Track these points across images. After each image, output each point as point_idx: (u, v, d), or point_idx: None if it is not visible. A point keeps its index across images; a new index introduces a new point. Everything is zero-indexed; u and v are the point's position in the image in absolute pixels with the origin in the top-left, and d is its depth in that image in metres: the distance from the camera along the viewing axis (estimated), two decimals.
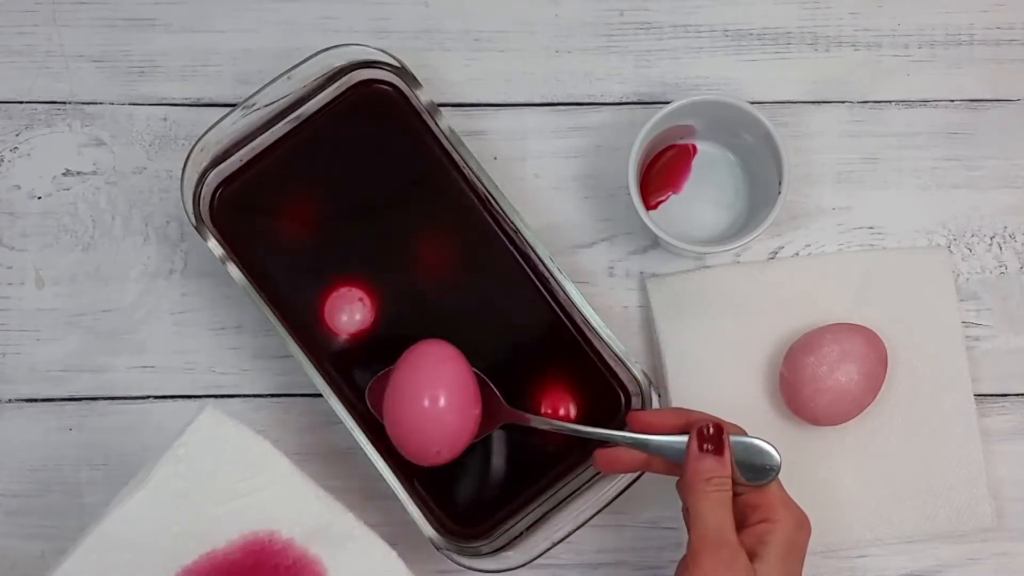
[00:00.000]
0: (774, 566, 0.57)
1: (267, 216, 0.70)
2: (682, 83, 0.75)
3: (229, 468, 0.60)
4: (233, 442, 0.60)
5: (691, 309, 0.72)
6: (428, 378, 0.63)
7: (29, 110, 0.75)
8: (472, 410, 0.65)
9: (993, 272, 0.74)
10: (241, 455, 0.60)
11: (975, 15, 0.75)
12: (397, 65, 0.69)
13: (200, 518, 0.60)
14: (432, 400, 0.63)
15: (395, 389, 0.64)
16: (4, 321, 0.73)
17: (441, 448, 0.64)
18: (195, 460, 0.60)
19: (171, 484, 0.59)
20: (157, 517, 0.59)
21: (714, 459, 0.59)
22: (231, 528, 0.60)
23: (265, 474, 0.60)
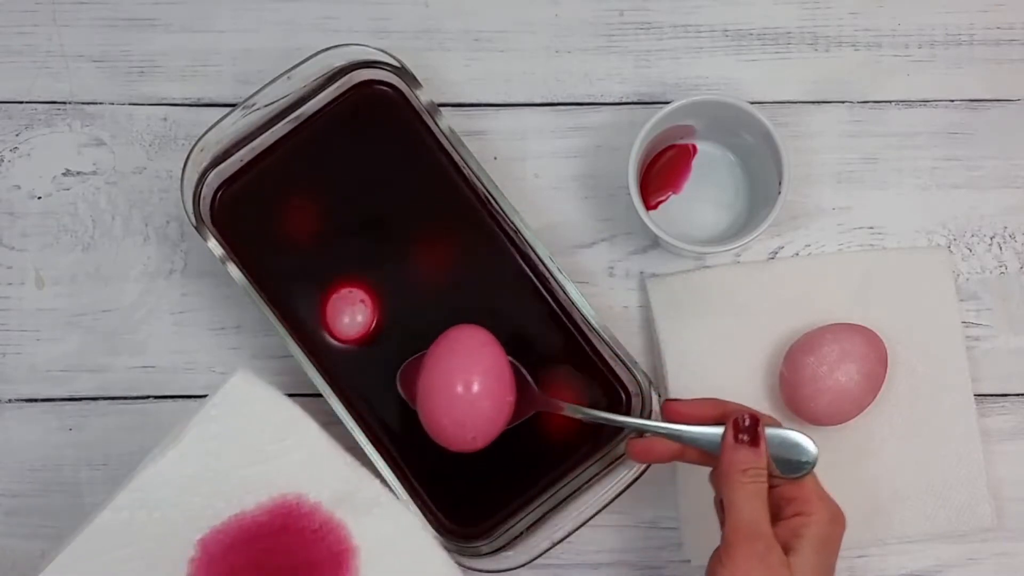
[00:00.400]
0: (808, 559, 0.57)
1: (267, 216, 0.70)
2: (682, 83, 0.75)
3: (260, 430, 0.60)
4: (264, 405, 0.61)
5: (691, 309, 0.72)
6: (464, 363, 0.63)
7: (29, 110, 0.75)
8: (507, 396, 0.64)
9: (993, 272, 0.74)
10: (272, 418, 0.61)
11: (975, 15, 0.75)
12: (397, 65, 0.69)
13: (230, 479, 0.60)
14: (467, 385, 0.62)
15: (429, 374, 0.63)
16: (4, 321, 0.73)
17: (476, 434, 0.63)
18: (226, 421, 0.60)
19: (202, 445, 0.59)
20: (188, 477, 0.59)
21: (750, 450, 0.59)
22: (260, 490, 0.60)
23: (295, 438, 0.61)
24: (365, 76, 0.70)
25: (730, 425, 0.60)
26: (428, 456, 0.66)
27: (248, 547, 0.59)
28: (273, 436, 0.61)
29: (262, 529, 0.60)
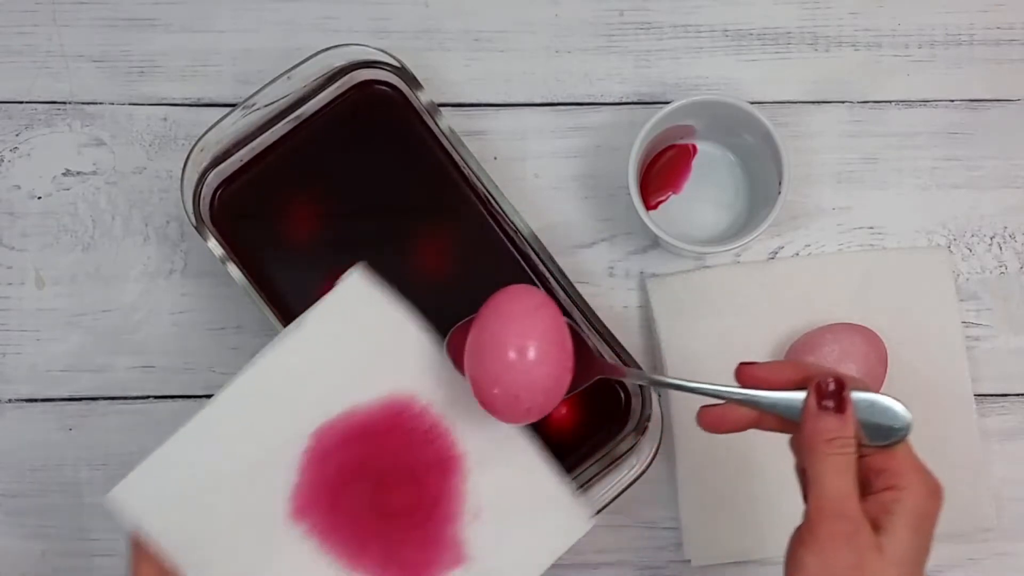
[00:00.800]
0: (901, 539, 0.51)
1: (267, 216, 0.70)
2: (682, 83, 0.75)
3: (375, 330, 0.60)
4: (382, 304, 0.60)
5: (691, 309, 0.72)
6: (517, 327, 0.57)
7: (29, 110, 0.75)
8: (565, 363, 0.58)
9: (993, 272, 0.74)
10: (387, 318, 0.60)
11: (975, 15, 0.75)
12: (397, 65, 0.69)
13: (345, 375, 0.59)
14: (521, 352, 0.56)
15: (479, 340, 0.58)
16: (4, 321, 0.73)
17: (531, 405, 0.57)
18: (344, 319, 0.59)
19: (319, 340, 0.59)
20: (303, 370, 0.59)
21: (836, 417, 0.52)
22: (373, 388, 0.60)
23: (409, 339, 0.60)
24: (365, 76, 0.70)
25: (812, 389, 0.53)
26: None
27: (357, 444, 0.59)
28: (388, 336, 0.60)
29: (372, 427, 0.59)
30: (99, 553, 0.72)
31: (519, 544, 0.59)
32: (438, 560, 0.59)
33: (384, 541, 0.59)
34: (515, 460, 0.60)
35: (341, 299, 0.59)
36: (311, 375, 0.59)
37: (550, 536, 0.60)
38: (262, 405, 0.58)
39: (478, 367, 0.58)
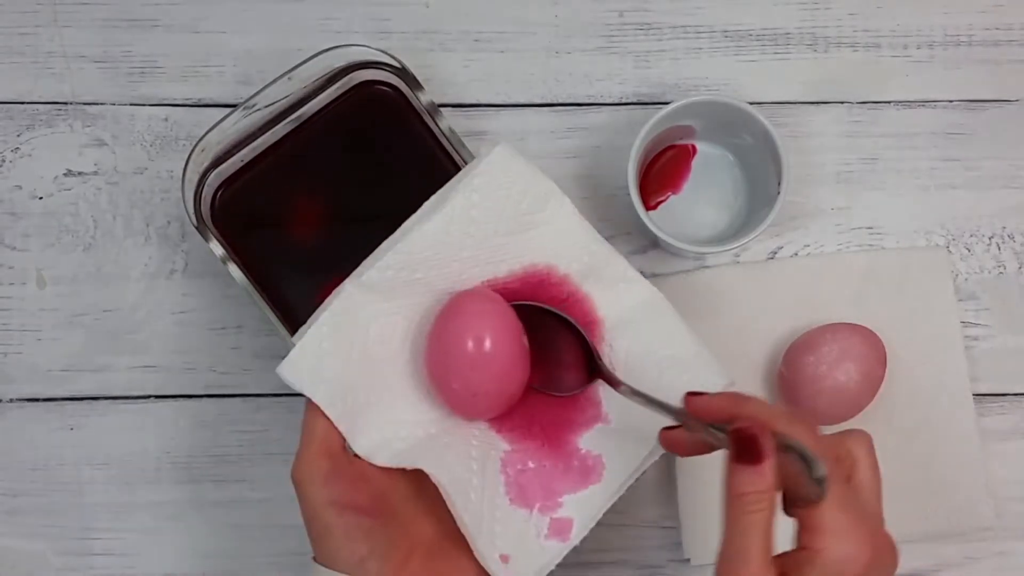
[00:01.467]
0: None
1: (268, 216, 0.70)
2: (682, 83, 0.75)
3: (517, 201, 0.61)
4: (524, 177, 0.61)
5: (691, 309, 0.72)
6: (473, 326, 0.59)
7: (30, 110, 0.75)
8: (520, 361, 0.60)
9: (992, 272, 0.74)
10: (529, 190, 0.61)
11: (974, 16, 0.75)
12: (398, 66, 0.69)
13: (486, 246, 0.61)
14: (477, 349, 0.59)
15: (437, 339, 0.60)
16: (6, 321, 0.73)
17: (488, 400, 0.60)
18: (488, 191, 0.61)
19: (465, 212, 0.60)
20: (448, 241, 0.60)
21: (751, 471, 0.49)
22: (513, 258, 0.62)
23: (550, 211, 0.62)
24: (366, 77, 0.70)
25: (730, 438, 0.50)
26: None
27: None
28: (530, 207, 0.61)
29: (513, 297, 0.62)
30: (99, 553, 0.72)
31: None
32: (580, 419, 0.62)
33: (527, 404, 0.62)
34: (656, 325, 0.62)
35: (485, 174, 0.61)
36: (454, 248, 0.61)
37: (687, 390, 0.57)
38: (407, 277, 0.60)
39: (435, 363, 0.60)
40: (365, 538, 0.55)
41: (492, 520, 0.59)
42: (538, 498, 0.60)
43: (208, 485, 0.72)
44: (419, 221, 0.60)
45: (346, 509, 0.55)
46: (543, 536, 0.60)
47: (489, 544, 0.58)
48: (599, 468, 0.61)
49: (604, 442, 0.61)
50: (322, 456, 0.56)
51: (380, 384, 0.60)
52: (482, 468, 0.60)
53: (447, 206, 0.60)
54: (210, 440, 0.73)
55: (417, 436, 0.60)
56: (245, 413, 0.73)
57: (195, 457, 0.73)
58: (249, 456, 0.73)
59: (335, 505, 0.55)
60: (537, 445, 0.62)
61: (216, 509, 0.72)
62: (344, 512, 0.55)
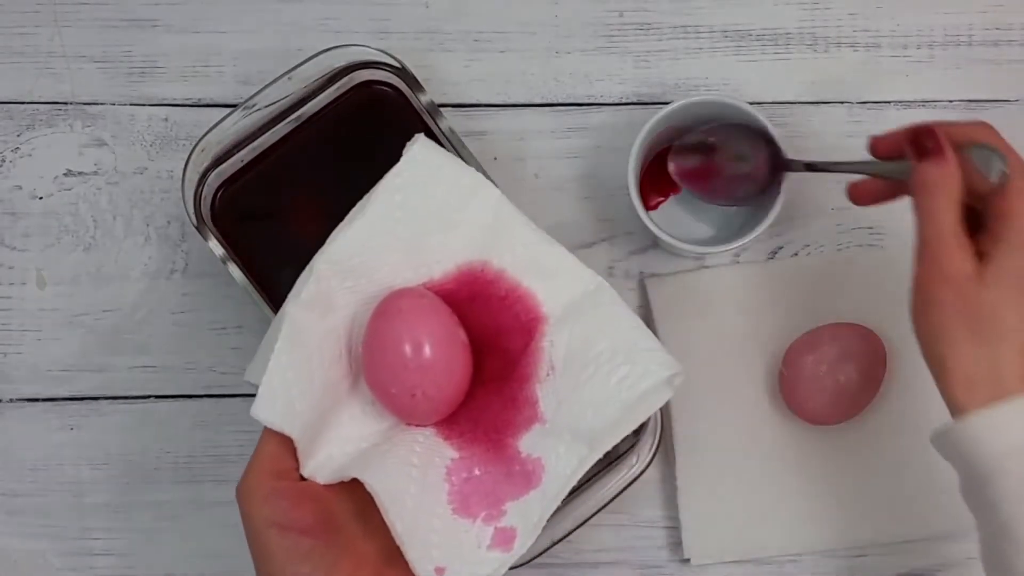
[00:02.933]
0: (1004, 264, 0.54)
1: (268, 216, 0.70)
2: (682, 83, 0.75)
3: (443, 198, 0.59)
4: (447, 171, 0.59)
5: (691, 309, 0.72)
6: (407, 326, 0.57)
7: (31, 110, 0.75)
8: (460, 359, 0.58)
9: None
10: (454, 185, 0.59)
11: (974, 16, 0.75)
12: (398, 66, 0.69)
13: (416, 249, 0.59)
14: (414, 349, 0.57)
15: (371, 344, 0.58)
16: (6, 321, 0.73)
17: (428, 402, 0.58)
18: (410, 190, 0.58)
19: (388, 213, 0.58)
20: (374, 247, 0.58)
21: (934, 163, 0.56)
22: (446, 258, 0.59)
23: (477, 203, 0.59)
24: (366, 77, 0.70)
25: (910, 144, 0.57)
26: None
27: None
28: (456, 203, 0.59)
29: (450, 298, 0.59)
30: (99, 553, 0.72)
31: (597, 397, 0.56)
32: (517, 419, 0.58)
33: (473, 406, 0.59)
34: (599, 314, 0.58)
35: (405, 172, 0.58)
36: (382, 253, 0.58)
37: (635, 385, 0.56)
38: (337, 286, 0.58)
39: (372, 369, 0.58)
40: (305, 559, 0.53)
41: (429, 529, 0.55)
42: (483, 507, 0.57)
43: (208, 485, 0.72)
44: (340, 230, 0.58)
45: (288, 529, 0.53)
46: (485, 547, 0.56)
47: (424, 555, 0.54)
48: (539, 472, 0.57)
49: (542, 444, 0.57)
50: (267, 475, 0.55)
51: (333, 404, 0.58)
52: (423, 475, 0.57)
53: (368, 210, 0.58)
54: (210, 440, 0.73)
55: (360, 449, 0.58)
56: (245, 413, 0.72)
57: (195, 457, 0.73)
58: (249, 456, 0.72)
59: (276, 525, 0.53)
60: (483, 450, 0.58)
61: (216, 509, 0.72)
62: (285, 532, 0.53)
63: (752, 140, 0.69)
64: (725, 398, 0.72)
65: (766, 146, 0.68)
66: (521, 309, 0.59)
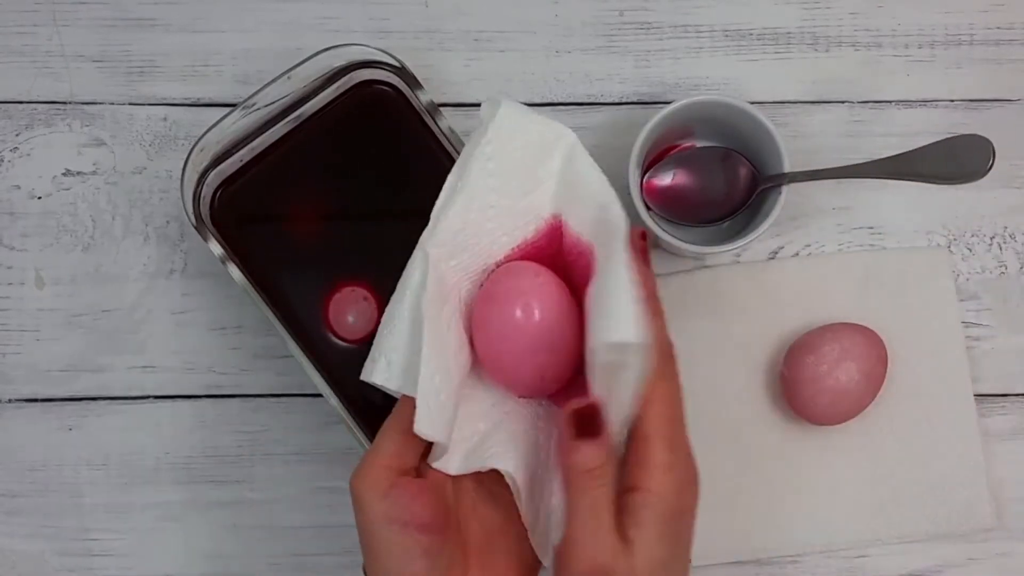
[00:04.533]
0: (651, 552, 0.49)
1: (267, 216, 0.70)
2: (682, 83, 0.75)
3: (532, 156, 0.58)
4: (533, 128, 0.58)
5: (691, 309, 0.72)
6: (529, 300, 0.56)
7: (29, 110, 0.75)
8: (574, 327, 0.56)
9: (993, 272, 0.74)
10: (539, 141, 0.58)
11: (975, 15, 0.75)
12: (397, 65, 0.69)
13: (509, 211, 0.58)
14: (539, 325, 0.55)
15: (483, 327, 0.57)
16: (4, 321, 0.73)
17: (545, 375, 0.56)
18: (501, 156, 0.57)
19: (482, 182, 0.57)
20: (474, 219, 0.57)
21: (593, 446, 0.49)
22: (534, 216, 0.58)
23: (558, 156, 0.58)
24: (365, 76, 0.70)
25: (567, 417, 0.50)
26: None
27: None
28: (541, 159, 0.58)
29: (541, 256, 0.58)
30: (99, 553, 0.72)
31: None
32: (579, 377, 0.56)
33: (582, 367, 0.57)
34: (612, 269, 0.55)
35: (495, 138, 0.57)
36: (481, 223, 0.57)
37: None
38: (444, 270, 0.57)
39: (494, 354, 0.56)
40: (423, 556, 0.52)
41: (549, 508, 0.54)
42: None
43: (208, 485, 0.72)
44: (443, 207, 0.57)
45: (407, 526, 0.52)
46: None
47: (544, 536, 0.54)
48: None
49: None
50: (388, 470, 0.53)
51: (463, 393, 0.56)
52: (547, 454, 0.56)
53: (467, 184, 0.57)
54: (210, 440, 0.73)
55: (480, 431, 0.57)
56: (245, 413, 0.73)
57: (195, 457, 0.73)
58: (249, 456, 0.73)
59: (396, 521, 0.52)
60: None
61: (216, 509, 0.72)
62: (405, 529, 0.51)
63: (726, 161, 0.70)
64: (725, 398, 0.72)
65: (743, 164, 0.69)
66: (585, 263, 0.58)
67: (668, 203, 0.71)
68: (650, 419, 0.51)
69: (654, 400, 0.51)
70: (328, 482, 0.72)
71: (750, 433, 0.72)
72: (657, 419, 0.51)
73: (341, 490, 0.72)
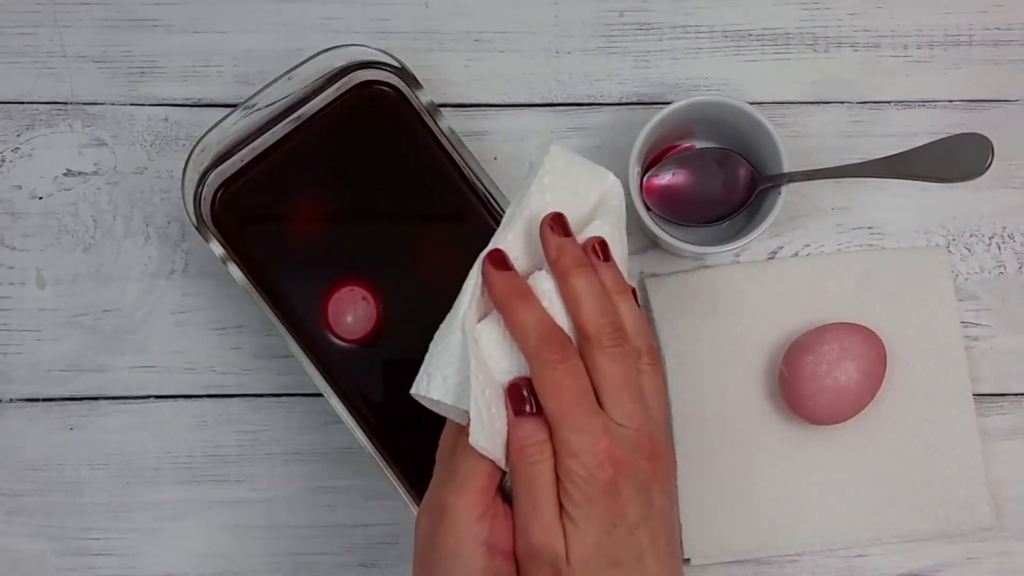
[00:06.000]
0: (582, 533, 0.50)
1: (268, 216, 0.70)
2: (682, 83, 0.75)
3: (583, 192, 0.59)
4: (583, 170, 0.59)
5: (691, 309, 0.72)
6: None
7: (30, 110, 0.75)
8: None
9: (992, 272, 0.74)
10: (585, 177, 0.59)
11: (974, 16, 0.76)
12: (398, 66, 0.69)
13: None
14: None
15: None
16: (5, 321, 0.73)
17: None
18: (558, 189, 0.58)
19: (541, 214, 0.57)
20: (531, 249, 0.58)
21: (531, 422, 0.52)
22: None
23: (598, 191, 0.59)
24: (366, 76, 0.70)
25: (507, 394, 0.52)
26: (429, 456, 0.66)
27: None
28: (589, 195, 0.59)
29: None
30: (99, 553, 0.72)
31: None
32: None
33: None
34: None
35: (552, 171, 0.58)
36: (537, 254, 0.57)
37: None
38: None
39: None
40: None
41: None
42: None
43: (208, 485, 0.73)
44: (503, 231, 0.58)
45: (496, 552, 0.51)
46: None
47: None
48: None
49: None
50: (483, 491, 0.52)
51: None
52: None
53: (524, 212, 0.58)
54: (210, 440, 0.73)
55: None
56: (245, 413, 0.73)
57: (195, 457, 0.73)
58: (249, 456, 0.73)
59: (486, 545, 0.51)
60: None
61: (216, 509, 0.72)
62: (494, 555, 0.51)
63: (726, 162, 0.70)
64: (725, 398, 0.72)
65: (742, 165, 0.70)
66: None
67: (668, 203, 0.71)
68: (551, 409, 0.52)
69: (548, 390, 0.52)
70: (328, 482, 0.72)
71: (749, 433, 0.72)
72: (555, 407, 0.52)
73: (341, 490, 0.72)
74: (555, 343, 0.52)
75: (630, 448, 0.51)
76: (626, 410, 0.52)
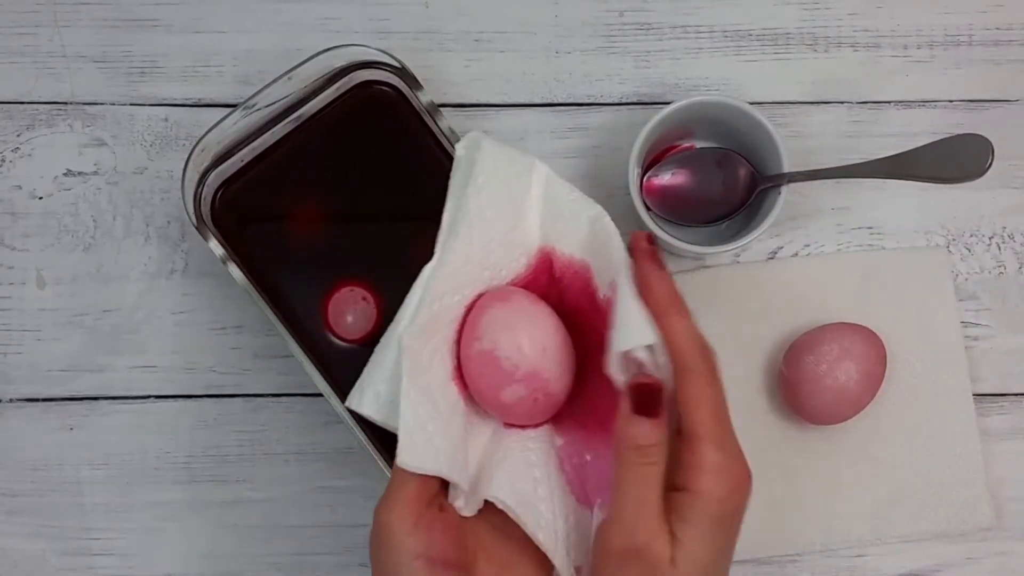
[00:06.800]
0: (694, 551, 0.49)
1: (268, 216, 0.70)
2: (682, 83, 0.75)
3: (516, 188, 0.58)
4: (512, 161, 0.58)
5: (691, 309, 0.72)
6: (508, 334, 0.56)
7: (30, 110, 0.75)
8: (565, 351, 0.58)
9: (992, 272, 0.74)
10: (519, 172, 0.58)
11: (974, 16, 0.76)
12: (398, 66, 0.69)
13: (507, 244, 0.58)
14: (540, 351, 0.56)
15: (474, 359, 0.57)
16: (5, 321, 0.73)
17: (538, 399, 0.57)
18: (491, 187, 0.57)
19: (481, 214, 0.57)
20: (476, 253, 0.57)
21: (650, 423, 0.50)
22: (525, 249, 0.58)
23: (536, 187, 0.58)
24: (366, 76, 0.70)
25: (627, 392, 0.50)
26: None
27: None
28: (523, 191, 0.58)
29: (532, 285, 0.58)
30: (99, 553, 0.72)
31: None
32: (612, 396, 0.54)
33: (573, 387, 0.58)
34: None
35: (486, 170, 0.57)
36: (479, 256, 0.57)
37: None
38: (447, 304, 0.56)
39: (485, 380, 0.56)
40: None
41: (567, 528, 0.54)
42: (597, 493, 0.55)
43: (208, 485, 0.73)
44: (446, 241, 0.57)
45: (434, 562, 0.50)
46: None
47: (565, 557, 0.53)
48: None
49: None
50: (414, 503, 0.51)
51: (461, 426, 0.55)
52: (545, 474, 0.55)
53: (464, 215, 0.57)
54: (210, 440, 0.73)
55: (476, 464, 0.56)
56: (245, 413, 0.73)
57: (195, 457, 0.73)
58: (249, 456, 0.73)
59: (422, 557, 0.50)
60: (590, 433, 0.57)
61: (216, 509, 0.72)
62: (432, 565, 0.50)
63: (726, 162, 0.70)
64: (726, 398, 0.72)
65: (742, 165, 0.70)
66: (580, 284, 0.58)
67: (668, 203, 0.71)
68: (700, 421, 0.50)
69: (701, 402, 0.50)
70: (328, 482, 0.72)
71: (749, 432, 0.71)
72: (707, 420, 0.50)
73: (341, 490, 0.72)
74: (713, 358, 0.52)
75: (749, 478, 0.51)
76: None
